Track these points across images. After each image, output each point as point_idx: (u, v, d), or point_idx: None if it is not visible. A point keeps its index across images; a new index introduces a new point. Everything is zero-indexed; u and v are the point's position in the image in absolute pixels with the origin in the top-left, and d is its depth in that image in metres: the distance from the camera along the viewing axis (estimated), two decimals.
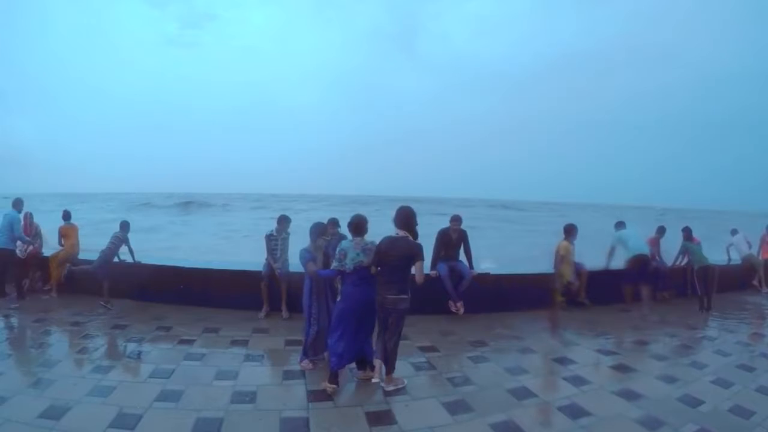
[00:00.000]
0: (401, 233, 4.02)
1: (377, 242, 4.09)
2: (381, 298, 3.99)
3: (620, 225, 7.97)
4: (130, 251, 7.36)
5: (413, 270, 4.03)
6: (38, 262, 7.62)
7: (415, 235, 4.06)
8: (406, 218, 4.05)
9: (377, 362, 4.12)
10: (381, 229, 4.35)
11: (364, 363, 4.27)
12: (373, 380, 4.12)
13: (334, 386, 3.98)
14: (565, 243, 5.80)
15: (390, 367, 4.07)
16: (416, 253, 3.97)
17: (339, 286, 4.43)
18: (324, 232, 4.62)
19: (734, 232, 10.08)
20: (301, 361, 4.58)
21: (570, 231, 5.97)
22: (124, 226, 7.33)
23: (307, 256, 4.47)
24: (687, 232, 7.99)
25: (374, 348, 4.26)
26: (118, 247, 7.11)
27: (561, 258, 5.77)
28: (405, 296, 3.99)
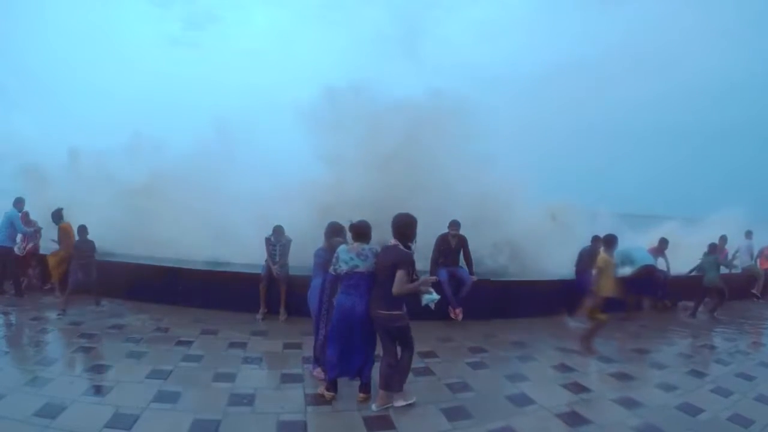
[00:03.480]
0: (393, 242, 3.80)
1: (378, 248, 3.91)
2: (374, 313, 3.75)
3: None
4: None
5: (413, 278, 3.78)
6: (36, 260, 7.61)
7: (407, 245, 3.78)
8: (400, 226, 3.79)
9: (380, 392, 3.83)
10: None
11: (365, 386, 3.97)
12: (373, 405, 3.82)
13: (332, 394, 3.88)
14: (604, 255, 5.48)
15: (399, 380, 3.82)
16: (398, 261, 3.64)
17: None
18: (338, 231, 4.38)
19: (748, 234, 10.08)
20: (313, 369, 4.41)
21: (610, 242, 5.54)
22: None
23: (323, 255, 4.30)
24: (717, 245, 8.16)
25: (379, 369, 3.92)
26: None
27: (600, 271, 5.46)
28: (398, 312, 3.71)
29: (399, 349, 3.91)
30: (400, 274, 3.60)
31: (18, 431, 3.24)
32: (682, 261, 8.66)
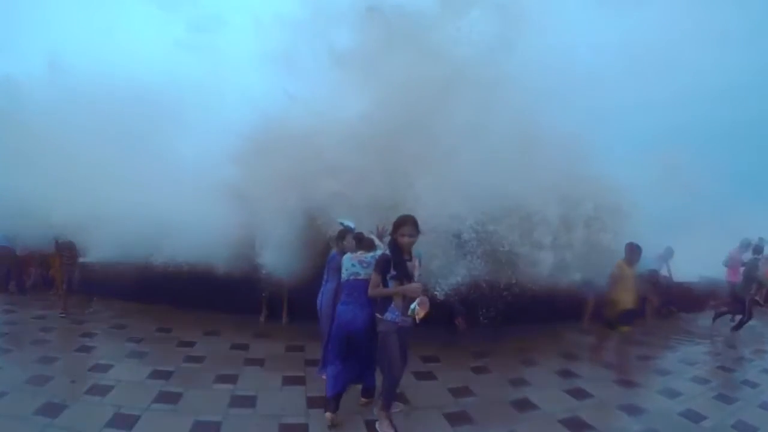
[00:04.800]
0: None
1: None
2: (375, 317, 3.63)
3: None
4: None
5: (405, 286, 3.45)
6: (39, 259, 7.63)
7: (392, 245, 3.51)
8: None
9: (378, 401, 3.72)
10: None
11: (368, 390, 3.94)
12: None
13: (332, 414, 3.57)
14: (621, 263, 5.07)
15: (382, 400, 3.59)
16: (375, 264, 3.55)
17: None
18: (343, 236, 4.34)
19: (760, 242, 9.88)
20: (321, 373, 4.36)
21: (631, 252, 5.08)
22: None
23: (338, 260, 4.16)
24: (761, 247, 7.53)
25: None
26: None
27: (614, 279, 5.05)
28: (379, 316, 3.50)
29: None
30: (372, 277, 3.53)
31: (19, 429, 3.25)
32: (697, 267, 8.54)
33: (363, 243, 3.88)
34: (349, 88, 5.74)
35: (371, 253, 3.79)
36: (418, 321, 3.40)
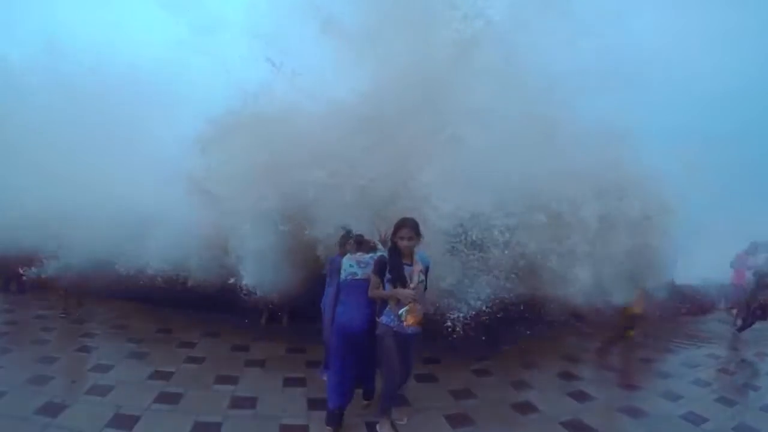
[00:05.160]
0: None
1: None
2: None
3: None
4: None
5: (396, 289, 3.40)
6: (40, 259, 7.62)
7: (392, 248, 3.47)
8: None
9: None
10: None
11: (369, 392, 3.95)
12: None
13: (334, 430, 3.52)
14: None
15: (381, 404, 3.59)
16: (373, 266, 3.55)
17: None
18: (345, 239, 4.35)
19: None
20: (322, 374, 4.36)
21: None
22: None
23: (339, 262, 4.06)
24: None
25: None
26: None
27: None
28: (377, 319, 3.47)
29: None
30: (371, 278, 3.51)
31: (19, 429, 3.24)
32: (702, 269, 8.48)
33: (363, 245, 3.89)
34: (343, 63, 4.94)
35: (370, 254, 3.79)
36: (406, 326, 3.34)
